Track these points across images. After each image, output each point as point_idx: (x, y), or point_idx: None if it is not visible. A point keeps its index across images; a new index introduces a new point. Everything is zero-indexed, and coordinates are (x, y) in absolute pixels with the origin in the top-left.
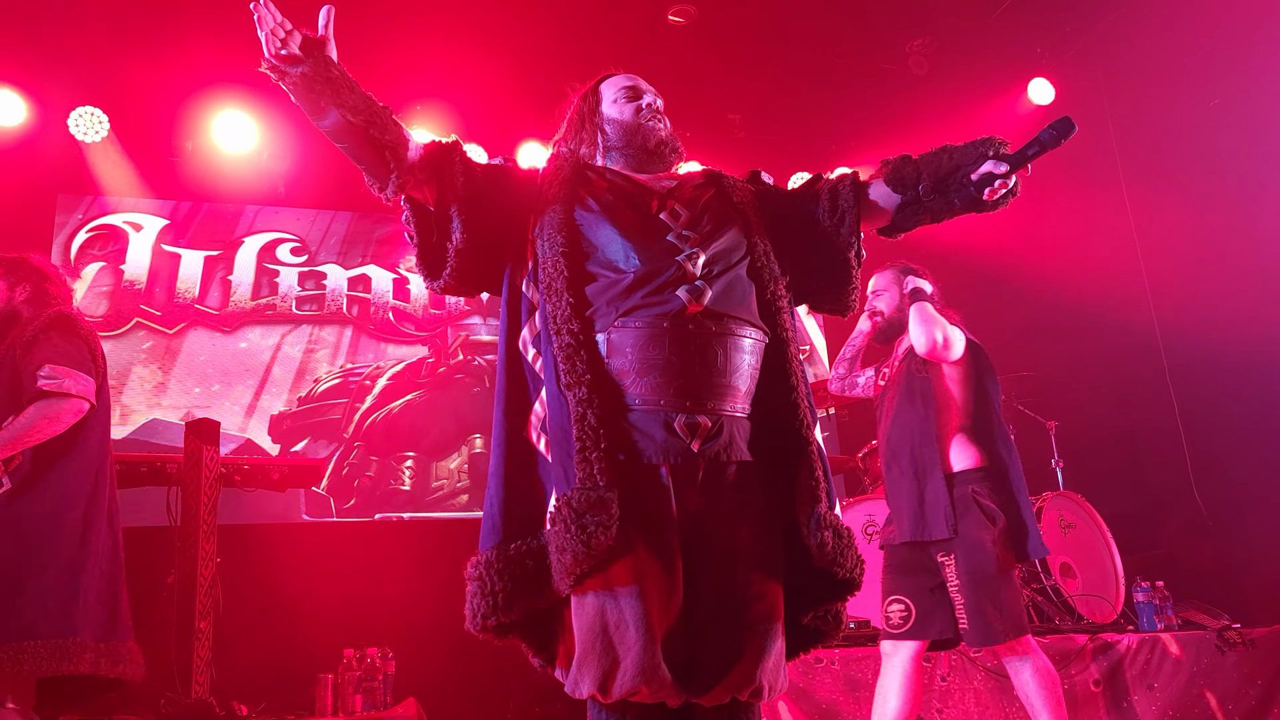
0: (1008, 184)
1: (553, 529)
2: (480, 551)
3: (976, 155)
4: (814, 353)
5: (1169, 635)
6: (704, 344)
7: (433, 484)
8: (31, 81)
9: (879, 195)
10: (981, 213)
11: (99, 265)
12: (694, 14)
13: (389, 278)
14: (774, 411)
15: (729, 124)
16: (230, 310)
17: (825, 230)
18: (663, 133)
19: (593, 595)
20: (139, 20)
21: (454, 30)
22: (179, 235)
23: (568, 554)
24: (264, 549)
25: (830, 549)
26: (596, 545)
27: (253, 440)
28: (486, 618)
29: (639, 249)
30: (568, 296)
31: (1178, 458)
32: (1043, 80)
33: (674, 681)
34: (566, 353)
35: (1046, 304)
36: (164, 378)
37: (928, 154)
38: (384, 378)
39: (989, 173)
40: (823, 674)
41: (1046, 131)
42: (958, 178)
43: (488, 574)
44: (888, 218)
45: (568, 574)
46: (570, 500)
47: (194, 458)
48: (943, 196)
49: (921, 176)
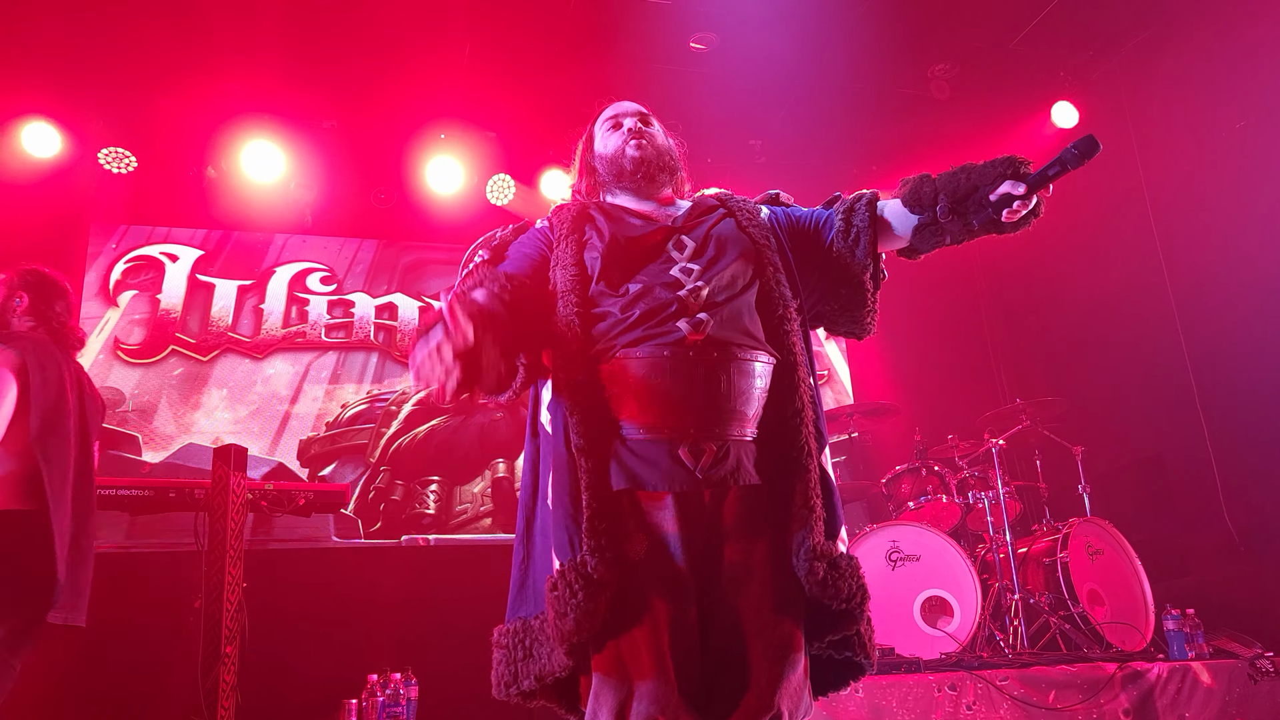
0: (1028, 205)
1: (552, 594)
2: (507, 621)
3: (995, 175)
4: (834, 377)
5: (1200, 664)
6: (707, 371)
7: (456, 508)
8: (64, 113)
9: (895, 215)
10: (1002, 234)
11: (136, 294)
12: (715, 41)
13: (415, 305)
14: (778, 435)
15: (750, 150)
16: (262, 338)
17: (840, 252)
18: (637, 154)
19: (606, 627)
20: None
21: (478, 57)
22: (213, 265)
23: (568, 620)
24: (289, 574)
25: (821, 578)
26: (584, 627)
27: (284, 464)
28: (510, 686)
29: (643, 285)
30: (579, 357)
31: (1208, 482)
32: (1066, 104)
33: (690, 710)
34: (579, 412)
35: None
36: (198, 404)
37: (946, 174)
38: (409, 403)
39: (1007, 194)
40: (846, 702)
41: (1068, 151)
42: (976, 198)
43: (513, 644)
44: (906, 239)
45: (563, 641)
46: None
47: (221, 484)
48: (961, 218)
49: (939, 197)
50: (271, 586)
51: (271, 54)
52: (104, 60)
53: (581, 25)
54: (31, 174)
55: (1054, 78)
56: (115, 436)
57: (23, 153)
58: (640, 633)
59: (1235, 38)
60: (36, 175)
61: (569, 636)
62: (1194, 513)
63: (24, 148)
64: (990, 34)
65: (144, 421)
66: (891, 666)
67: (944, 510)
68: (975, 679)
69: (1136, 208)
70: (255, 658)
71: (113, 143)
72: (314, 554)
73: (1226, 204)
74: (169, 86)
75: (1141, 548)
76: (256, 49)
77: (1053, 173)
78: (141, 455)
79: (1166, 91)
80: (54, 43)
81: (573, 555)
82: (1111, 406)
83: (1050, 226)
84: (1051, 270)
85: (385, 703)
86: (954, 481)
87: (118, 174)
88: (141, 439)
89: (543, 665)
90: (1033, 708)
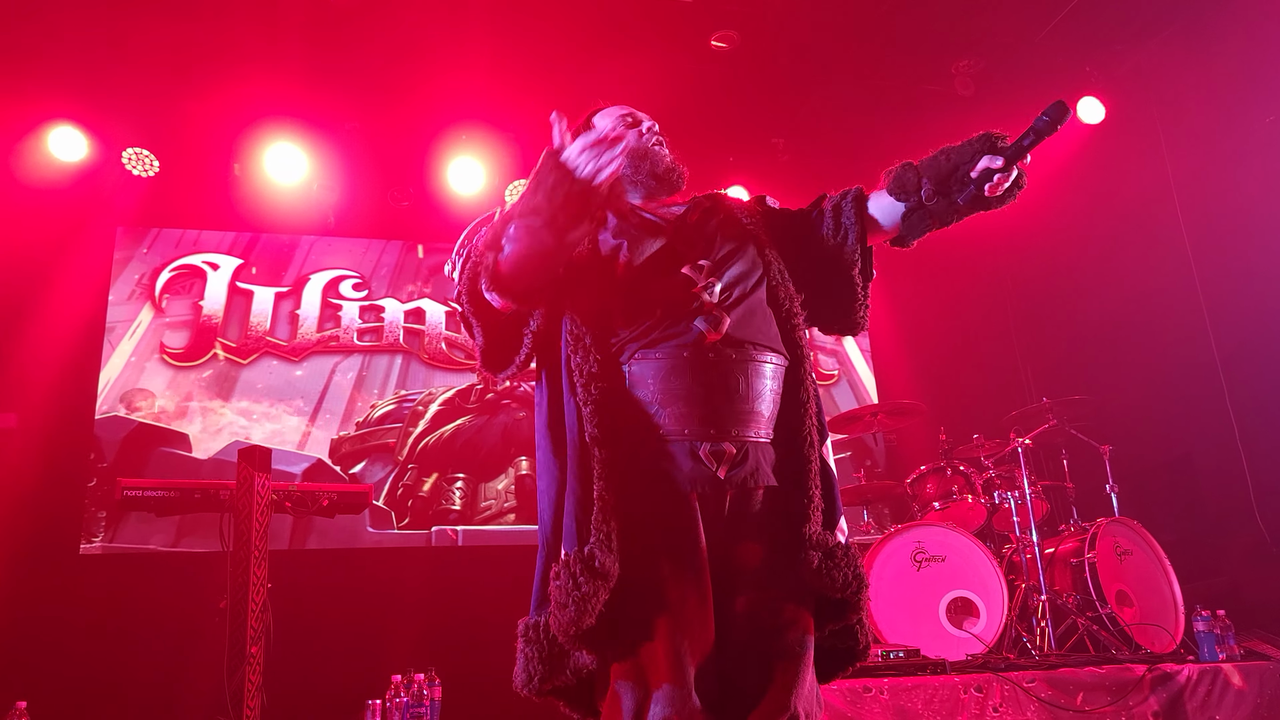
0: (1008, 177)
1: (555, 583)
2: (531, 614)
3: (973, 152)
4: (856, 376)
5: (1231, 666)
6: (725, 371)
7: (481, 504)
8: (90, 117)
9: (882, 206)
10: (989, 210)
11: (182, 300)
12: (736, 39)
13: (441, 310)
14: (787, 434)
15: (772, 148)
16: (298, 341)
17: (831, 249)
18: (669, 159)
19: (624, 629)
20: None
21: (498, 57)
22: (250, 272)
23: (568, 611)
24: (314, 575)
25: (815, 567)
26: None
27: (323, 460)
28: (545, 681)
29: (657, 284)
30: (594, 351)
31: (1239, 481)
32: (1093, 99)
33: (706, 713)
34: (592, 404)
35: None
36: (239, 404)
37: (927, 159)
38: (436, 403)
39: (987, 168)
40: (871, 703)
41: (1040, 119)
42: (958, 177)
43: (537, 639)
44: (896, 228)
45: (563, 631)
46: (569, 563)
47: (246, 484)
48: (945, 198)
49: (923, 181)
50: (296, 587)
51: (294, 57)
52: (129, 64)
53: (602, 25)
54: (58, 178)
55: (1079, 73)
56: (166, 434)
57: (49, 157)
58: (658, 635)
59: (1264, 30)
60: (63, 179)
61: (567, 628)
62: (1225, 512)
63: (51, 152)
64: (1014, 29)
65: (189, 421)
66: (917, 668)
67: (969, 510)
68: (1002, 681)
69: (1164, 202)
70: (280, 658)
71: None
72: (338, 555)
73: (1256, 199)
74: (193, 90)
75: (1171, 548)
76: (279, 52)
77: (1027, 143)
78: (192, 452)
79: (1194, 85)
80: (79, 47)
81: (579, 546)
82: (1140, 405)
83: (1077, 222)
84: (1078, 267)
85: (409, 703)
86: (979, 481)
87: (143, 177)
88: (191, 437)
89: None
90: (1060, 710)
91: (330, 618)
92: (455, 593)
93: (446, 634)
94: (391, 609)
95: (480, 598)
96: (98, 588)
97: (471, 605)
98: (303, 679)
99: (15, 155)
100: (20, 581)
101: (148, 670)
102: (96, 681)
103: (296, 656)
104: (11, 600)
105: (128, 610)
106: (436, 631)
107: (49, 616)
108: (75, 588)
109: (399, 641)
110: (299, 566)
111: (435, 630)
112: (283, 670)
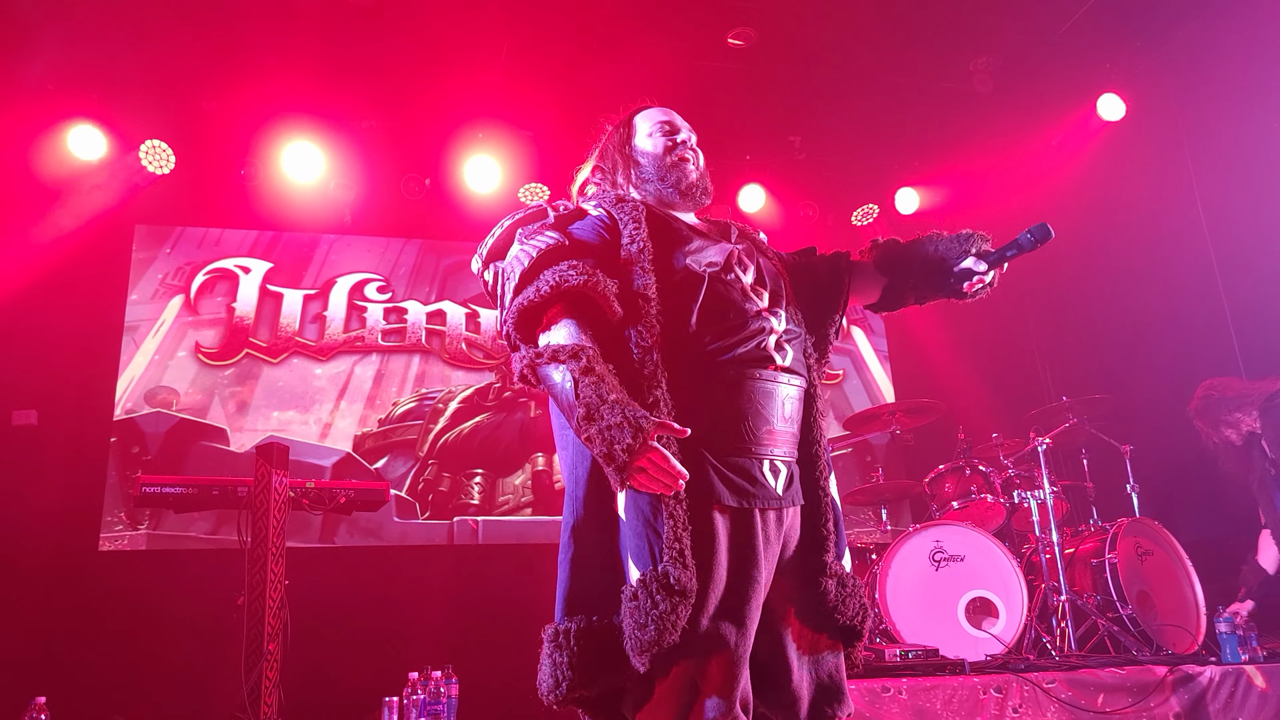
0: (984, 280)
1: (631, 604)
2: (558, 621)
3: (960, 251)
4: (873, 375)
5: (1254, 667)
6: (773, 392)
7: (499, 498)
8: (109, 115)
9: (866, 277)
10: (960, 300)
11: (215, 301)
12: (753, 36)
13: (462, 312)
14: (806, 458)
15: (790, 146)
16: (325, 342)
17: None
18: (694, 175)
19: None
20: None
21: (515, 55)
22: (276, 273)
23: (649, 631)
24: (331, 572)
25: (833, 597)
26: (665, 637)
27: (352, 454)
28: (574, 689)
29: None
30: (655, 355)
31: None
32: (1113, 96)
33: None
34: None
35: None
36: (270, 401)
37: (914, 242)
38: (455, 401)
39: (969, 269)
40: (890, 703)
41: (1024, 235)
42: (941, 269)
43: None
44: (875, 296)
45: (643, 651)
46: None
47: (263, 482)
48: (926, 283)
49: (911, 264)
50: (314, 584)
51: (311, 55)
52: (147, 64)
53: (619, 23)
54: (77, 177)
55: (1100, 70)
56: (205, 429)
57: (69, 155)
58: (714, 648)
59: None
60: (82, 178)
61: (649, 647)
62: (1247, 513)
63: (70, 150)
64: (1034, 26)
65: (224, 416)
66: (936, 668)
67: (989, 510)
68: (1022, 681)
69: (1186, 199)
70: (297, 655)
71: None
72: (355, 552)
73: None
74: (211, 89)
75: (1192, 548)
76: (296, 51)
77: (1010, 255)
78: (229, 445)
79: (1216, 82)
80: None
81: (653, 565)
82: (1161, 404)
83: (1097, 219)
84: (1098, 266)
85: (425, 700)
86: (999, 481)
87: (160, 174)
88: (229, 431)
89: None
90: (1081, 711)
91: (349, 615)
92: (474, 590)
93: (464, 631)
94: (410, 606)
95: (499, 596)
96: (117, 583)
97: (490, 603)
98: (321, 675)
99: (35, 154)
100: (39, 577)
101: (167, 666)
102: (115, 677)
103: (316, 653)
104: (30, 595)
105: (147, 606)
106: (454, 629)
107: (67, 609)
108: (94, 583)
109: (417, 638)
110: (320, 563)
111: (453, 627)
112: (302, 666)
